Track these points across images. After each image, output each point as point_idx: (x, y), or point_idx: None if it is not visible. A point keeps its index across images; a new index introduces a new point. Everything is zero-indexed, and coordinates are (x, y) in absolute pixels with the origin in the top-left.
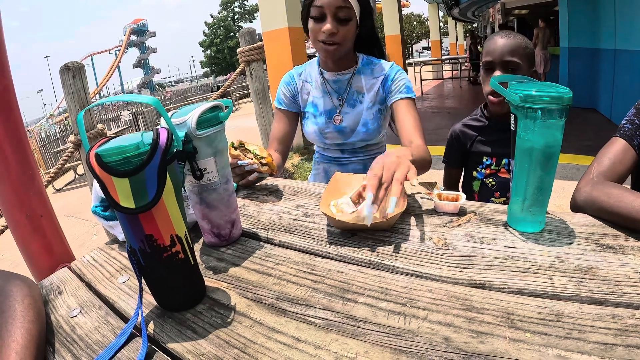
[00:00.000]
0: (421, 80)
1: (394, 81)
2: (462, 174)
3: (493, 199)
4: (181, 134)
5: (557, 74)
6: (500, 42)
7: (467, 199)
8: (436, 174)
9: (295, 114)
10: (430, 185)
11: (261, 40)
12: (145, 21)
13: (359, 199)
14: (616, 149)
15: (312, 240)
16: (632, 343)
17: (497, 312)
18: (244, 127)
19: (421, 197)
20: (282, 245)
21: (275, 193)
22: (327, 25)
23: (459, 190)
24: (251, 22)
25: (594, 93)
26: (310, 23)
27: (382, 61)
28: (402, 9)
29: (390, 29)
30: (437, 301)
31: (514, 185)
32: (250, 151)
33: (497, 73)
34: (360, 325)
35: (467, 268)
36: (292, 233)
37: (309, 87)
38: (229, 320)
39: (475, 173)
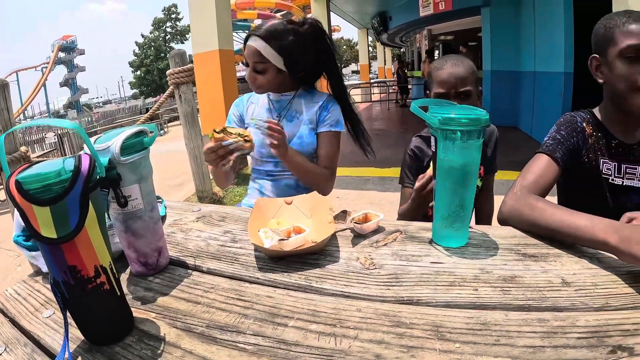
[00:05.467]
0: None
1: (329, 112)
2: None
3: None
4: (105, 159)
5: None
6: (452, 72)
7: (424, 218)
8: (379, 196)
9: None
10: (342, 217)
11: (192, 62)
12: (75, 38)
13: (289, 236)
14: (539, 164)
15: (240, 266)
16: (560, 344)
17: (425, 326)
18: (173, 150)
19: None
20: (210, 272)
21: (202, 219)
22: (247, 74)
23: None
24: (183, 43)
25: (515, 112)
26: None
27: (320, 91)
28: (333, 33)
29: None
30: (367, 320)
31: (436, 204)
32: (232, 133)
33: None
34: (291, 349)
35: (395, 285)
36: (220, 259)
37: (254, 106)
38: (159, 351)
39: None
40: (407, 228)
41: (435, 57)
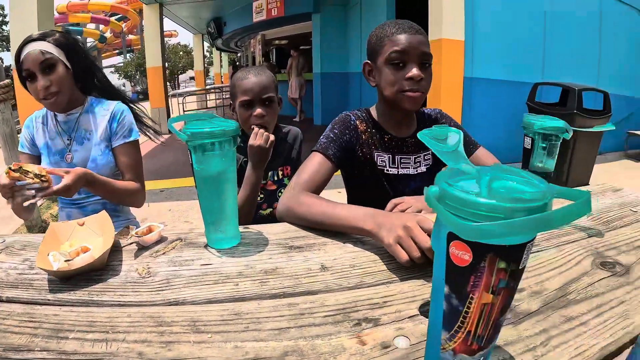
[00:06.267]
0: (184, 111)
1: (119, 123)
2: None
3: (261, 211)
4: None
5: (312, 97)
6: (255, 81)
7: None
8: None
9: (39, 157)
10: (125, 232)
11: (10, 77)
12: None
13: (77, 256)
14: (313, 162)
15: (34, 291)
16: (305, 323)
17: (184, 322)
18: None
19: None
20: (9, 300)
21: (5, 250)
22: (40, 83)
23: None
24: (9, 50)
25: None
26: (28, 83)
27: (109, 101)
28: (170, 39)
29: (152, 60)
30: (135, 323)
31: (202, 211)
32: (29, 172)
33: (259, 109)
34: (70, 357)
35: (164, 290)
36: (17, 287)
37: (44, 129)
38: None
39: None
40: (188, 235)
41: (271, 61)
